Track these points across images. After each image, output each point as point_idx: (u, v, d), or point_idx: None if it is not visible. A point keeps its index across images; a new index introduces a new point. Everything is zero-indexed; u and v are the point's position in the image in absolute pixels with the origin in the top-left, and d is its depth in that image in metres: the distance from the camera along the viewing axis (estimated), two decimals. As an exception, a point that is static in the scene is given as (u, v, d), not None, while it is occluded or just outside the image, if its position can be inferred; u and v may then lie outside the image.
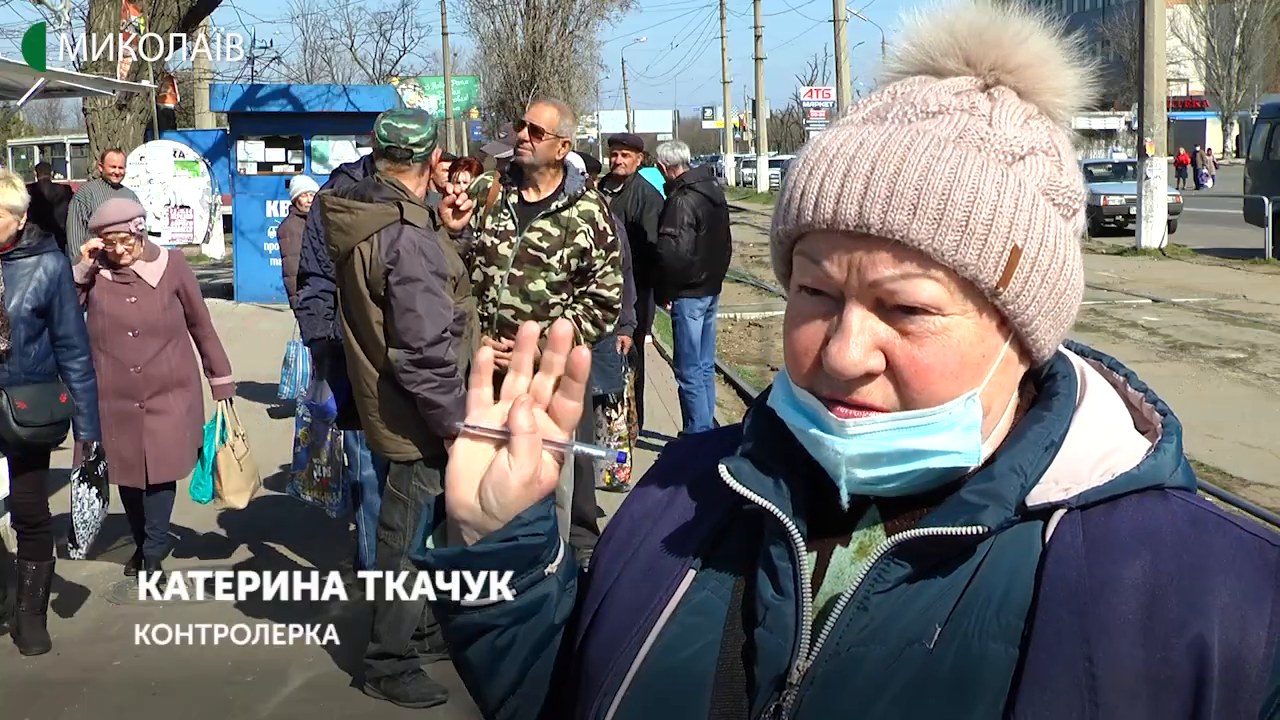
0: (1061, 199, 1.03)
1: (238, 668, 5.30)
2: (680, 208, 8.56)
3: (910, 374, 1.00)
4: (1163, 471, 1.03)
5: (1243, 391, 11.31)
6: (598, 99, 71.49)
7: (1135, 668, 0.94)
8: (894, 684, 0.98)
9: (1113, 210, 29.47)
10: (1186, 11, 64.47)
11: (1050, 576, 0.98)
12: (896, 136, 1.00)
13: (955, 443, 1.01)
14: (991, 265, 0.99)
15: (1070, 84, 1.07)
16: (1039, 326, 1.03)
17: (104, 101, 15.59)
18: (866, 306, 1.00)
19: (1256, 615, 0.94)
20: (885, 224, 0.98)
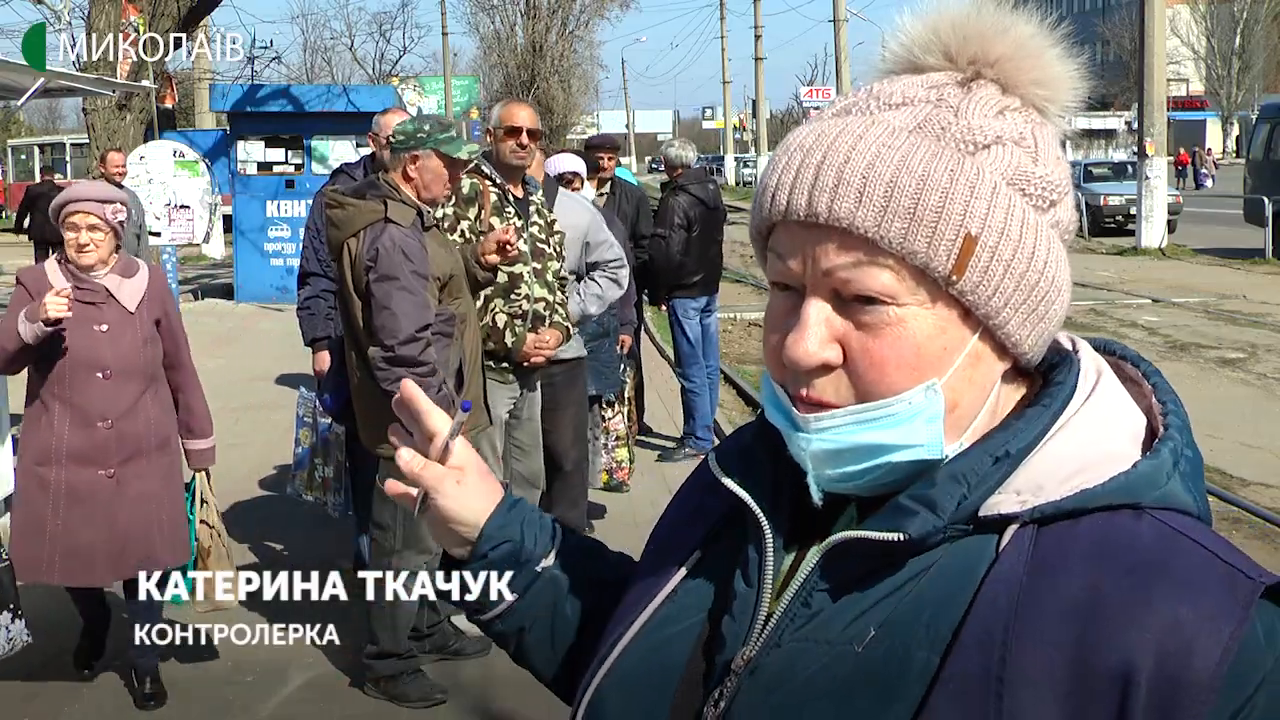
0: (1034, 190, 1.00)
1: (238, 668, 5.30)
2: (672, 208, 8.59)
3: (865, 365, 0.99)
4: (1136, 490, 0.98)
5: (1243, 391, 11.31)
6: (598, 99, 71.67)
7: (1051, 690, 0.90)
8: (822, 682, 0.98)
9: (1113, 210, 29.50)
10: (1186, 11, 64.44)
11: (986, 589, 0.96)
12: (851, 127, 1.00)
13: (916, 435, 0.99)
14: (943, 253, 0.97)
15: (1055, 75, 1.04)
16: (1009, 321, 1.00)
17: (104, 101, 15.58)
18: (824, 298, 1.00)
19: (1208, 640, 0.89)
20: (832, 212, 0.97)
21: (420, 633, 5.17)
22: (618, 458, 7.11)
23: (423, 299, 4.57)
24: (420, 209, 4.70)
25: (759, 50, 60.22)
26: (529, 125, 5.38)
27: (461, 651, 5.31)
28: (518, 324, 5.27)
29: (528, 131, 5.36)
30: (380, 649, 4.93)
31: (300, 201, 18.12)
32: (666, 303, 8.90)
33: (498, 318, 5.24)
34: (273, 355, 12.84)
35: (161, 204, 13.72)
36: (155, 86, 16.63)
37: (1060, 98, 1.05)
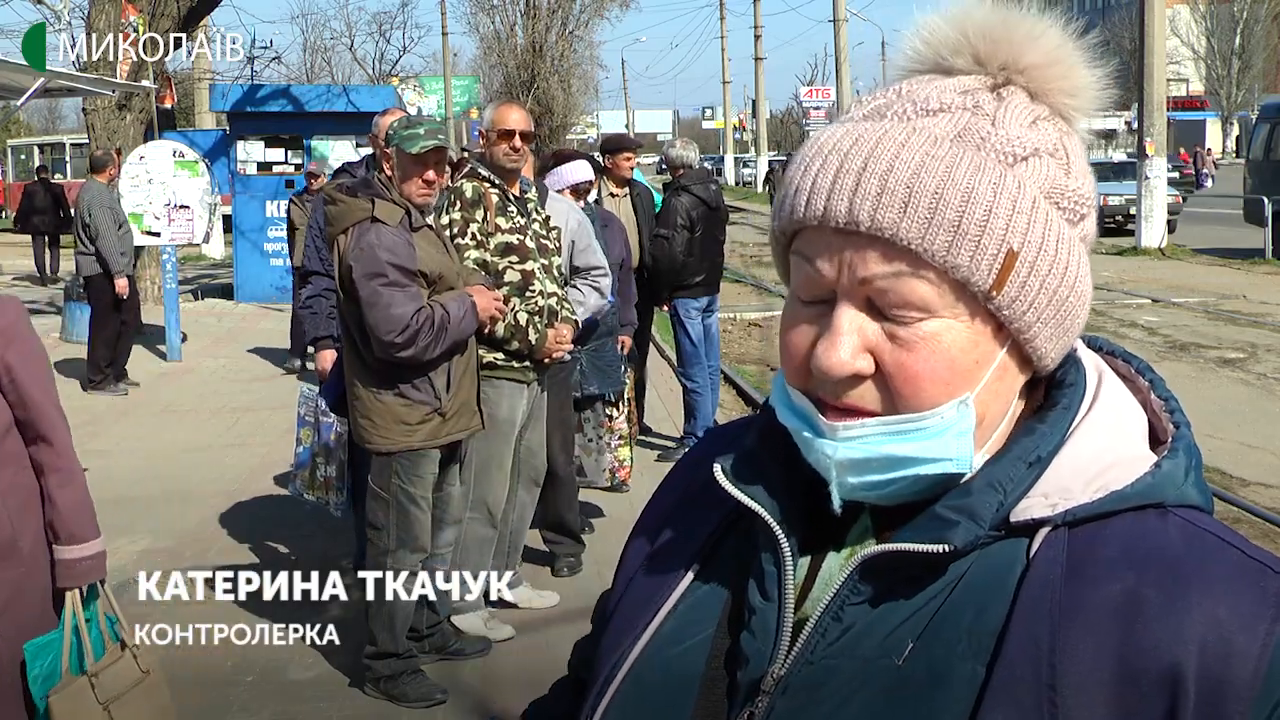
0: (1067, 203, 1.00)
1: (238, 668, 5.30)
2: (674, 209, 8.62)
3: (899, 379, 0.97)
4: (1162, 490, 0.99)
5: (1243, 391, 11.32)
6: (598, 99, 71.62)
7: (1102, 694, 0.91)
8: (861, 698, 0.97)
9: (1112, 210, 29.50)
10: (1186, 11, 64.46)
11: (1025, 596, 0.95)
12: (892, 133, 0.98)
13: (947, 449, 0.98)
14: (985, 268, 0.96)
15: (1084, 85, 1.03)
16: (1038, 334, 1.00)
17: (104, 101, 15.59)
18: (857, 307, 0.98)
19: (1246, 639, 0.90)
20: (875, 221, 0.95)
21: (419, 633, 5.17)
22: (619, 457, 7.11)
23: (412, 290, 4.61)
24: (408, 208, 4.72)
25: (759, 50, 60.26)
26: (521, 128, 5.41)
27: (461, 652, 5.31)
28: (538, 320, 5.29)
29: (520, 134, 5.39)
30: (379, 649, 4.93)
31: (300, 201, 18.10)
32: (669, 303, 8.92)
33: (519, 316, 5.24)
34: (272, 355, 12.84)
35: (161, 204, 13.69)
36: (155, 87, 16.63)
37: (1086, 107, 1.04)
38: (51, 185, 25.74)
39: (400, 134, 4.77)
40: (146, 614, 6.08)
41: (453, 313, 4.66)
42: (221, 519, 7.50)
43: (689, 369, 8.97)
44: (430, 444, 4.80)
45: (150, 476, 8.59)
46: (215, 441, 9.76)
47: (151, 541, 7.11)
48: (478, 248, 5.21)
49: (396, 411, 4.73)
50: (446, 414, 4.78)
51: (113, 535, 7.15)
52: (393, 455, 4.78)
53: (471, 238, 5.23)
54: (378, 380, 4.74)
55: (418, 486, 4.83)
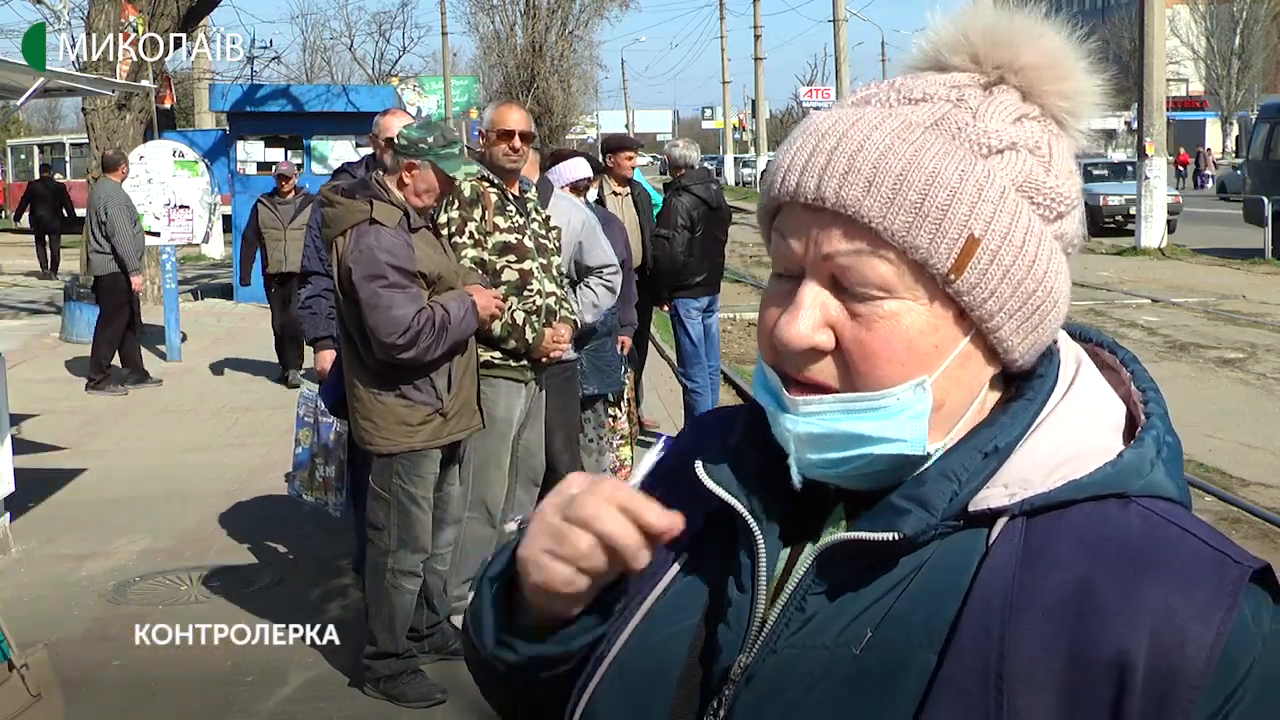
0: (1043, 199, 1.01)
1: (237, 668, 5.31)
2: (675, 209, 8.62)
3: (856, 356, 0.99)
4: (1123, 480, 0.99)
5: (1242, 391, 11.32)
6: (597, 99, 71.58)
7: (1050, 683, 0.91)
8: (820, 687, 0.98)
9: (1112, 210, 29.50)
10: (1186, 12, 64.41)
11: (980, 584, 0.96)
12: (869, 117, 1.00)
13: (901, 430, 0.99)
14: (944, 251, 0.97)
15: (1079, 89, 1.04)
16: (1003, 326, 1.00)
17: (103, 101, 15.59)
18: (821, 283, 1.00)
19: (1199, 628, 0.90)
20: (839, 198, 0.97)
21: (419, 633, 5.17)
22: (620, 456, 7.11)
23: (413, 291, 4.61)
24: (407, 210, 4.72)
25: (758, 50, 60.26)
26: (521, 128, 5.41)
27: (461, 652, 5.30)
28: (535, 320, 5.29)
29: (520, 134, 5.40)
30: (379, 649, 4.93)
31: (300, 201, 18.09)
32: (669, 303, 8.92)
33: (516, 315, 5.25)
34: (272, 355, 12.83)
35: (161, 204, 13.70)
36: (155, 87, 16.63)
37: (1081, 111, 1.05)
38: (53, 184, 26.17)
39: (438, 151, 4.75)
40: (146, 614, 6.09)
41: (453, 313, 4.66)
42: (221, 519, 7.50)
43: (689, 369, 8.98)
44: (432, 444, 4.80)
45: (150, 476, 8.59)
46: (215, 442, 9.75)
47: (151, 541, 7.11)
48: (475, 246, 5.22)
49: (398, 412, 4.73)
50: (448, 414, 4.78)
51: (112, 535, 7.19)
52: (394, 456, 4.78)
53: (469, 236, 5.23)
54: (379, 381, 4.73)
55: (419, 487, 4.83)
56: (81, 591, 6.34)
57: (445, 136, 4.86)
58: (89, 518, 7.61)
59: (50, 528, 7.40)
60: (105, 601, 6.19)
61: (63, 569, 6.71)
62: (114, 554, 6.91)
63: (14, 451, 7.41)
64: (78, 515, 7.67)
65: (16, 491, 7.22)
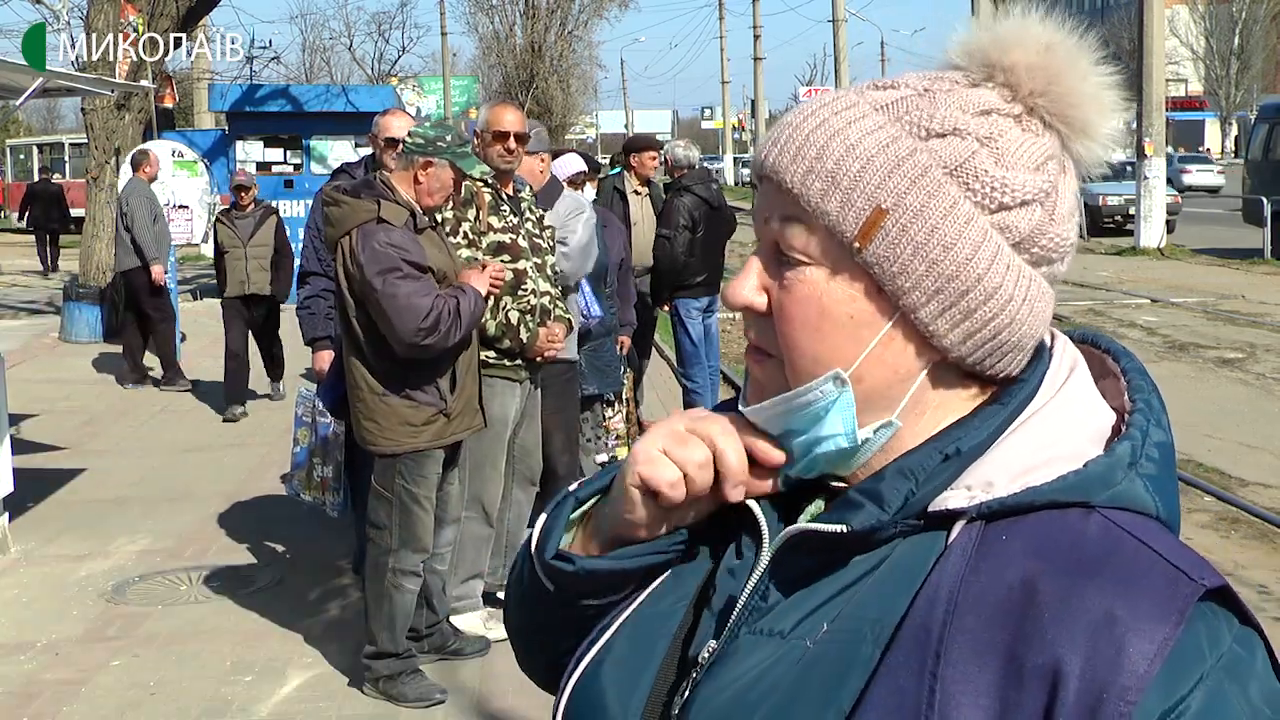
0: (980, 186, 0.99)
1: (236, 668, 5.31)
2: (676, 209, 8.64)
3: (777, 317, 1.04)
4: (1085, 489, 0.97)
5: (1241, 391, 11.31)
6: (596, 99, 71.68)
7: (984, 684, 0.90)
8: (772, 675, 0.98)
9: (1111, 210, 29.50)
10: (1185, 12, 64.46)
11: (929, 584, 0.96)
12: (829, 99, 1.05)
13: (834, 426, 1.02)
14: (852, 220, 0.99)
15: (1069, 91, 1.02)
16: (919, 306, 0.99)
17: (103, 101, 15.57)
18: (766, 250, 1.06)
19: (1139, 643, 0.88)
20: (771, 164, 1.03)
21: (419, 633, 5.17)
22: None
23: (427, 284, 4.61)
24: (414, 210, 4.72)
25: (758, 50, 60.25)
26: (516, 129, 5.42)
27: (460, 652, 5.31)
28: (529, 319, 5.30)
29: (515, 135, 5.40)
30: (378, 649, 4.93)
31: (299, 201, 18.11)
32: (669, 303, 8.93)
33: (510, 314, 5.26)
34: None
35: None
36: (154, 86, 16.62)
37: (1072, 114, 1.02)
38: (52, 185, 26.59)
39: (455, 150, 4.78)
40: (145, 614, 6.10)
41: (462, 297, 4.68)
42: (220, 519, 7.50)
43: (689, 369, 8.98)
44: (435, 445, 4.80)
45: (149, 476, 8.59)
46: (214, 442, 9.75)
47: (151, 541, 7.11)
48: (469, 246, 5.22)
49: (402, 413, 4.72)
50: (451, 414, 4.78)
51: (112, 535, 7.19)
52: (397, 456, 4.78)
53: (463, 236, 5.23)
54: (383, 382, 4.73)
55: (421, 487, 4.83)
56: (80, 591, 6.34)
57: (460, 136, 4.89)
58: (88, 517, 7.61)
59: (49, 527, 7.41)
60: (104, 601, 6.19)
61: (62, 569, 6.71)
62: (113, 554, 6.91)
63: (13, 451, 7.41)
64: (77, 515, 7.67)
65: (15, 491, 7.23)
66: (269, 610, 5.96)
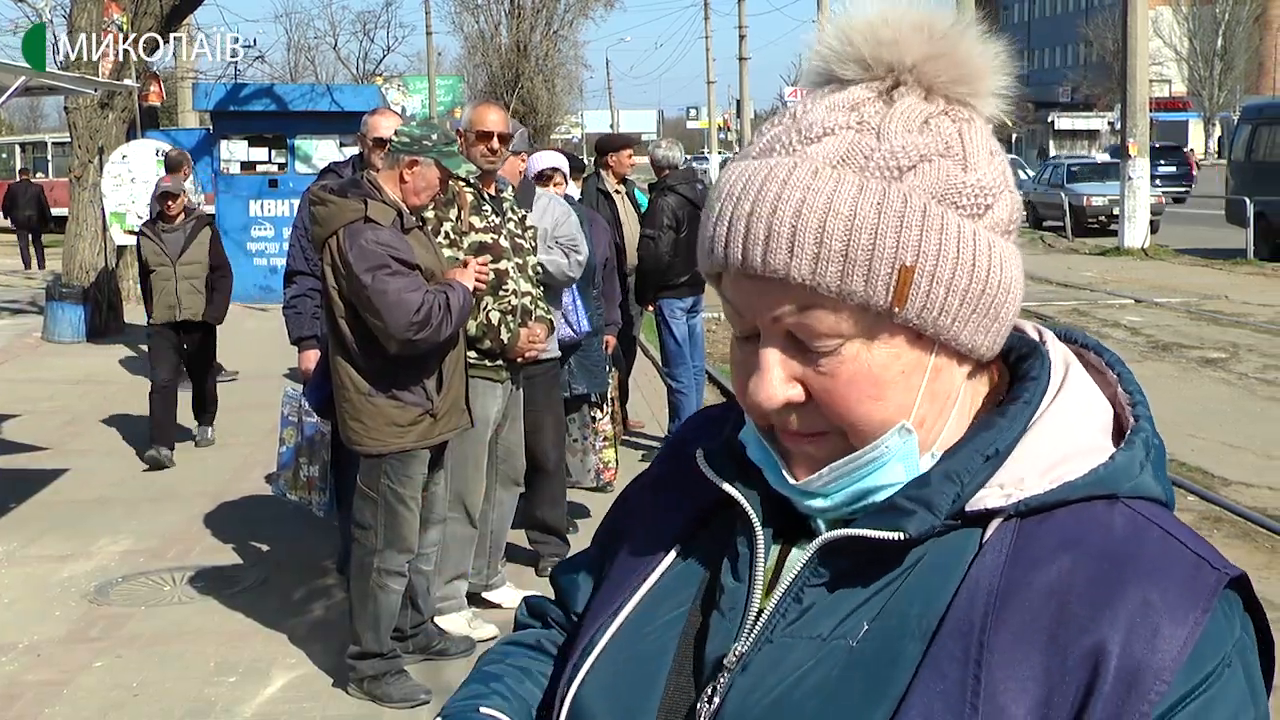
0: (965, 200, 0.99)
1: (220, 668, 5.29)
2: (660, 209, 8.63)
3: (826, 405, 1.00)
4: (1114, 481, 1.01)
5: (1225, 391, 11.35)
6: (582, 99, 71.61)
7: (1029, 670, 0.93)
8: (814, 676, 0.99)
9: (1096, 211, 29.60)
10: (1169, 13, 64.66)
11: (969, 579, 0.98)
12: (776, 171, 0.99)
13: (896, 474, 1.02)
14: (882, 289, 0.97)
15: (974, 69, 1.02)
16: (960, 333, 1.01)
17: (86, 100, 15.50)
18: (779, 341, 1.01)
19: (1172, 626, 0.93)
20: (767, 265, 0.97)
21: (403, 633, 5.16)
22: (604, 458, 7.11)
23: (416, 279, 4.61)
24: (401, 210, 4.72)
25: (743, 50, 60.24)
26: (499, 129, 5.42)
27: (445, 652, 5.30)
28: (510, 320, 5.30)
29: (498, 135, 5.40)
30: (363, 649, 4.92)
31: (283, 201, 18.08)
32: (653, 303, 8.93)
33: (491, 315, 5.26)
34: (257, 354, 12.80)
35: (144, 203, 13.66)
36: (137, 85, 16.56)
37: (983, 89, 1.03)
38: (32, 184, 26.55)
39: (441, 148, 4.79)
40: (129, 614, 6.07)
41: (451, 292, 4.68)
42: (205, 519, 7.47)
43: (673, 369, 8.97)
44: (421, 445, 4.79)
45: (132, 476, 8.56)
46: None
47: (134, 542, 7.09)
48: (451, 246, 5.21)
49: (388, 414, 4.72)
50: (438, 414, 4.78)
51: (95, 535, 7.16)
52: (383, 457, 4.77)
53: (445, 236, 5.23)
54: (370, 382, 4.72)
55: (407, 487, 4.82)
56: (63, 592, 6.32)
57: (446, 135, 4.89)
58: (71, 518, 7.58)
59: (32, 528, 7.38)
60: (87, 602, 6.17)
61: (44, 569, 6.68)
62: (96, 554, 6.89)
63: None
64: (59, 515, 7.64)
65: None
66: (253, 611, 5.95)
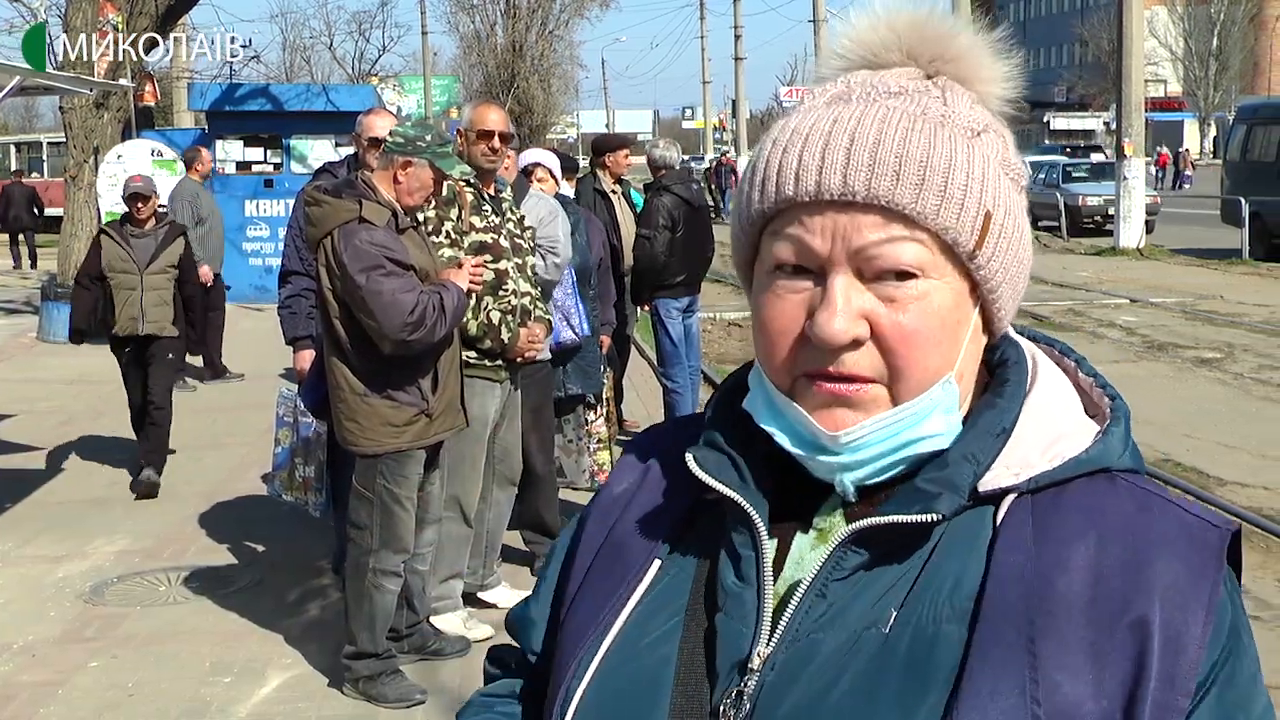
0: (1014, 174, 1.09)
1: (215, 668, 5.29)
2: (656, 209, 8.64)
3: (896, 339, 1.02)
4: (1110, 455, 1.06)
5: (1220, 391, 11.36)
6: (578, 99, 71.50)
7: (1078, 646, 0.97)
8: (852, 668, 1.00)
9: (1091, 211, 29.62)
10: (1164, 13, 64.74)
11: (999, 560, 1.01)
12: (869, 113, 1.05)
13: (937, 426, 1.04)
14: (968, 228, 1.03)
15: (1001, 74, 1.12)
16: (1003, 294, 1.08)
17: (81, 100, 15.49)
18: (850, 276, 1.03)
19: (1195, 594, 0.99)
20: (870, 190, 1.01)
21: (399, 633, 5.15)
22: (599, 460, 7.10)
23: (410, 280, 4.61)
24: (395, 210, 4.72)
25: (739, 50, 60.25)
26: (500, 128, 5.42)
27: (440, 652, 5.30)
28: (510, 319, 5.30)
29: (499, 134, 5.40)
30: (358, 649, 4.92)
31: (279, 201, 18.06)
32: (649, 303, 8.93)
33: (492, 315, 5.26)
34: (252, 355, 12.79)
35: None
36: (132, 85, 16.54)
37: (1002, 94, 1.12)
38: (24, 185, 26.53)
39: (435, 149, 4.80)
40: (124, 614, 6.07)
41: (445, 292, 4.68)
42: (200, 519, 7.47)
43: (669, 369, 8.97)
44: (417, 445, 4.79)
45: (128, 477, 8.55)
46: (193, 441, 9.70)
47: (130, 542, 7.08)
48: (451, 246, 5.22)
49: (384, 414, 4.72)
50: (433, 414, 4.78)
51: (90, 535, 7.15)
52: (379, 457, 4.77)
53: (446, 236, 5.23)
54: (365, 382, 4.72)
55: (403, 487, 4.82)
56: (58, 592, 6.31)
57: (441, 135, 4.89)
58: (66, 518, 7.57)
59: (27, 528, 7.37)
60: (82, 602, 6.16)
61: (39, 570, 6.67)
62: (91, 554, 6.88)
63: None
64: (55, 516, 7.64)
65: (-7, 492, 7.19)
66: (248, 611, 5.94)
